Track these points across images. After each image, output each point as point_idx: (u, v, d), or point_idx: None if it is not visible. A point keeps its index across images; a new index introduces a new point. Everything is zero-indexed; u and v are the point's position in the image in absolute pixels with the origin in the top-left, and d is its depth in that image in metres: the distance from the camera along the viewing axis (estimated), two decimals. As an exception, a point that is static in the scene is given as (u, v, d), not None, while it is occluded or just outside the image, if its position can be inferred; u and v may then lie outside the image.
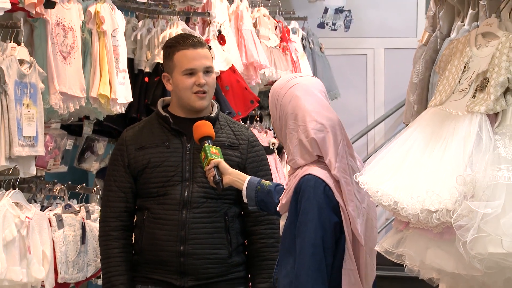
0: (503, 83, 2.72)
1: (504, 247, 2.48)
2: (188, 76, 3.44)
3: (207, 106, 3.50)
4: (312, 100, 2.96)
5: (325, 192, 2.85)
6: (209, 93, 3.48)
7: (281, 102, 2.98)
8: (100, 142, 4.56)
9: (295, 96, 2.96)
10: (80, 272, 3.89)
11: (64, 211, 3.88)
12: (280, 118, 2.99)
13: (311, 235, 2.81)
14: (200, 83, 3.43)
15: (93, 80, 3.98)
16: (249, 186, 3.23)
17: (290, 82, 3.01)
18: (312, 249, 2.80)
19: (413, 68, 4.04)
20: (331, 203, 2.85)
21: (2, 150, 3.42)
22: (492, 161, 2.59)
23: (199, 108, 3.46)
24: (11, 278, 3.47)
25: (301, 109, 2.93)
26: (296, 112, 2.94)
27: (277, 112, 3.01)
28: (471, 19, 3.82)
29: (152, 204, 3.44)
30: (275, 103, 3.02)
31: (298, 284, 2.81)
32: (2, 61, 3.42)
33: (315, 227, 2.81)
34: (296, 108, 2.94)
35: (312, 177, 2.87)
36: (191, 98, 3.45)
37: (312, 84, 3.02)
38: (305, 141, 2.90)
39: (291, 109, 2.95)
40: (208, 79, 3.46)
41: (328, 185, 2.85)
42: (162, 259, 3.42)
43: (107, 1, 4.09)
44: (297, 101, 2.95)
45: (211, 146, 3.31)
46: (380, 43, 8.53)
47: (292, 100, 2.96)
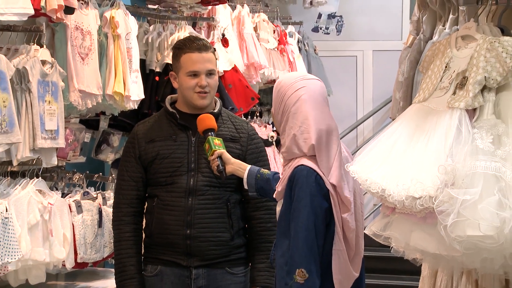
0: (481, 81, 2.71)
1: (481, 230, 2.47)
2: (192, 77, 3.43)
3: (209, 104, 3.49)
4: (316, 107, 2.91)
5: (317, 180, 2.83)
6: (210, 93, 3.47)
7: (286, 101, 2.94)
8: (115, 135, 4.55)
9: (301, 100, 2.91)
10: (97, 253, 3.89)
11: (82, 198, 3.88)
12: (283, 114, 2.95)
13: (304, 220, 2.80)
14: (202, 84, 3.42)
15: (109, 79, 3.98)
16: (249, 175, 3.23)
17: (297, 83, 2.95)
18: (305, 233, 2.79)
19: (399, 68, 4.03)
20: (322, 190, 2.83)
21: (27, 142, 3.42)
22: (470, 152, 2.58)
23: (200, 107, 3.45)
24: (35, 258, 3.48)
25: (305, 114, 2.88)
26: (300, 114, 2.89)
27: (280, 108, 2.97)
28: (452, 23, 3.81)
29: (161, 192, 3.43)
30: (280, 100, 2.97)
31: (293, 263, 2.80)
32: (26, 62, 3.42)
33: (307, 213, 2.80)
34: (300, 110, 2.89)
35: (305, 167, 2.84)
36: (193, 97, 3.44)
37: (317, 89, 2.97)
38: (303, 144, 2.87)
39: (295, 109, 2.91)
40: (210, 80, 3.45)
41: (319, 174, 2.83)
42: (170, 242, 3.41)
43: (121, 7, 4.09)
44: (302, 104, 2.90)
45: (214, 137, 3.30)
46: (368, 45, 8.52)
47: (297, 102, 2.91)
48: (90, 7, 3.89)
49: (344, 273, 2.87)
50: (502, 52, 2.71)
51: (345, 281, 2.88)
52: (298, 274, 2.78)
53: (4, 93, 3.25)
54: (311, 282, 2.78)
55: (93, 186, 4.21)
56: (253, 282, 3.49)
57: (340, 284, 2.86)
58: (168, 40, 4.58)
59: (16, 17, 3.23)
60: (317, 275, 2.79)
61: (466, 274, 3.60)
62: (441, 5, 3.96)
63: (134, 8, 4.54)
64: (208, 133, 3.32)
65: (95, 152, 4.52)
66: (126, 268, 3.44)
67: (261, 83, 6.09)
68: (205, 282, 3.43)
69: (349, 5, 8.26)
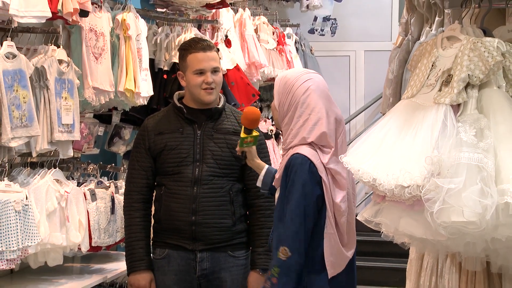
0: (465, 79, 2.70)
1: (465, 216, 2.47)
2: (198, 75, 3.42)
3: (215, 100, 3.48)
4: (324, 96, 2.93)
5: (310, 168, 2.83)
6: (216, 89, 3.46)
7: (295, 91, 2.91)
8: (127, 129, 4.55)
9: (310, 89, 2.90)
10: (110, 237, 3.89)
11: (96, 187, 3.88)
12: (290, 105, 2.92)
13: (295, 203, 2.81)
14: (208, 81, 3.41)
15: (120, 77, 3.97)
16: (267, 174, 3.22)
17: (304, 76, 2.95)
18: (294, 215, 2.80)
19: (388, 67, 4.02)
20: (315, 178, 2.83)
21: (45, 135, 3.42)
22: (455, 145, 2.57)
23: (207, 102, 3.45)
24: (53, 242, 3.49)
25: (315, 103, 2.88)
26: (310, 103, 2.88)
27: (287, 99, 2.93)
28: (438, 25, 3.80)
29: (168, 181, 3.42)
30: (287, 92, 2.94)
31: (278, 241, 2.82)
32: (44, 61, 3.42)
33: (298, 197, 2.81)
34: (310, 100, 2.89)
35: (300, 156, 2.84)
36: (200, 93, 3.43)
37: (321, 82, 2.98)
38: (313, 131, 2.86)
39: (304, 99, 2.89)
40: (215, 77, 3.44)
41: (313, 162, 2.83)
42: (177, 228, 3.41)
43: (132, 11, 4.08)
44: (311, 94, 2.90)
45: (249, 136, 3.19)
46: (360, 46, 8.50)
47: (306, 92, 2.90)
48: (103, 10, 3.89)
49: (336, 255, 2.87)
50: (484, 51, 2.71)
51: (338, 263, 2.89)
52: (282, 251, 2.79)
53: (24, 90, 3.25)
54: (292, 260, 2.79)
55: (106, 176, 4.21)
56: (253, 265, 3.49)
57: (332, 266, 2.87)
58: (175, 41, 4.56)
59: (35, 19, 3.22)
60: (299, 255, 2.79)
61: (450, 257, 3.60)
62: (428, 8, 3.95)
63: (143, 11, 4.54)
64: (252, 132, 3.21)
65: (108, 145, 4.52)
66: (135, 251, 3.44)
67: (261, 81, 6.08)
68: (209, 264, 3.43)
69: (342, 8, 8.24)
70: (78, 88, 3.64)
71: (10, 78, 3.17)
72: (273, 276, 2.80)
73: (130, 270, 3.46)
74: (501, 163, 2.55)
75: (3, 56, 3.17)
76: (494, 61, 2.69)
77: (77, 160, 4.11)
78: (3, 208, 3.12)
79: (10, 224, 3.14)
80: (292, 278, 2.80)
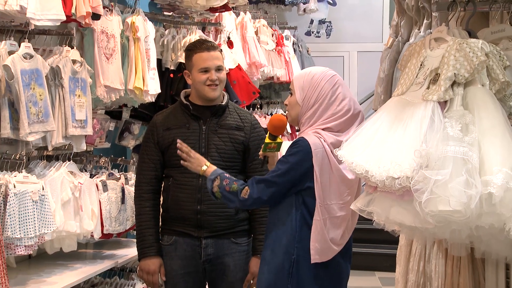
0: (451, 77, 2.71)
1: (451, 205, 2.47)
2: (203, 73, 3.42)
3: (219, 96, 3.48)
4: (349, 92, 2.96)
5: (307, 155, 2.82)
6: (220, 86, 3.46)
7: (323, 85, 2.91)
8: (136, 124, 4.54)
9: (337, 84, 2.92)
10: (121, 225, 3.89)
11: (108, 178, 3.88)
12: (318, 97, 2.91)
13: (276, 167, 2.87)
14: (212, 78, 3.42)
15: (130, 76, 3.97)
16: None
17: (328, 72, 2.96)
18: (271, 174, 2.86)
19: (380, 66, 4.03)
20: (307, 164, 2.83)
21: (60, 130, 3.42)
22: (442, 139, 2.58)
23: (212, 98, 3.45)
24: (67, 229, 3.49)
25: (344, 95, 2.91)
26: (339, 96, 2.90)
27: (315, 93, 2.92)
28: (426, 27, 3.81)
29: (176, 173, 3.42)
30: (314, 86, 2.92)
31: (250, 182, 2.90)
32: (59, 61, 3.42)
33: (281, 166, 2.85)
34: (338, 93, 2.91)
35: (303, 139, 2.85)
36: (205, 89, 3.43)
37: (342, 79, 3.01)
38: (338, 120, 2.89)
39: (332, 93, 2.90)
40: (219, 75, 3.44)
41: (311, 150, 2.82)
42: (183, 216, 3.41)
43: (140, 14, 4.07)
44: (339, 88, 2.92)
45: (273, 142, 3.09)
46: (354, 47, 8.50)
47: (335, 86, 2.91)
48: (114, 14, 3.88)
49: (321, 242, 2.84)
50: (469, 52, 2.71)
51: (323, 251, 2.85)
52: (244, 191, 2.87)
53: (41, 88, 3.25)
54: (248, 202, 2.87)
55: (116, 168, 4.21)
56: (254, 251, 3.50)
57: (316, 251, 2.84)
58: (181, 42, 4.56)
59: (51, 22, 3.22)
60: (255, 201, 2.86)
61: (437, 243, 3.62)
62: (417, 11, 3.95)
63: (151, 15, 4.53)
64: (276, 138, 3.12)
65: (118, 139, 4.52)
66: (145, 238, 3.44)
67: (261, 80, 6.08)
68: (213, 250, 3.43)
69: (337, 12, 8.23)
70: (91, 86, 3.64)
71: (28, 77, 3.18)
72: (222, 193, 2.91)
73: (140, 256, 3.46)
74: (484, 156, 2.55)
75: (21, 56, 3.17)
76: (479, 60, 2.69)
77: (90, 154, 4.12)
78: (21, 198, 3.12)
79: (28, 213, 3.15)
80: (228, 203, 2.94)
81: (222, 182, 2.93)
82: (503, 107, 2.76)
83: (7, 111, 3.10)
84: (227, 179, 2.94)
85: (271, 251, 2.91)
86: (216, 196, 2.94)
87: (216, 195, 2.94)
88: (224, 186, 2.92)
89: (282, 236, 2.87)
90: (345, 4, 8.38)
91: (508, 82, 2.79)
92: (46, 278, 3.44)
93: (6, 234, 3.03)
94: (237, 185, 2.91)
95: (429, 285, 3.67)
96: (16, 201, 3.09)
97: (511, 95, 2.88)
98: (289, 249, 2.86)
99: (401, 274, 3.84)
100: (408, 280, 3.77)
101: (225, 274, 3.46)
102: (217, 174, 2.97)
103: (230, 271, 3.45)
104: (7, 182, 3.09)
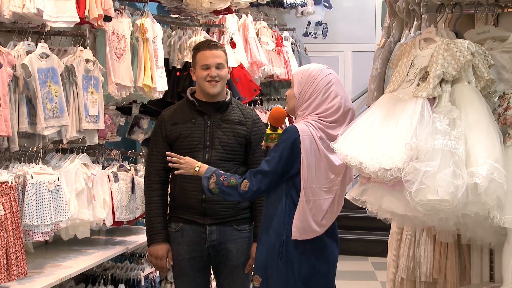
0: (439, 75, 2.71)
1: (439, 195, 2.47)
2: (204, 70, 3.42)
3: (220, 92, 3.47)
4: (342, 90, 2.97)
5: (295, 140, 2.85)
6: (220, 82, 3.45)
7: (318, 82, 2.92)
8: (145, 119, 4.54)
9: (332, 82, 2.93)
10: (131, 214, 3.89)
11: (119, 170, 3.88)
12: (312, 92, 2.93)
13: (269, 157, 2.89)
14: (212, 75, 3.41)
15: (139, 74, 3.96)
16: None
17: (326, 70, 2.97)
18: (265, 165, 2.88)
19: (373, 65, 4.02)
20: (296, 149, 2.85)
21: (74, 125, 3.42)
22: (431, 133, 2.58)
23: (212, 93, 3.44)
24: (81, 217, 3.49)
25: (336, 93, 2.92)
26: (332, 93, 2.91)
27: (310, 89, 2.93)
28: (416, 28, 3.80)
29: (182, 165, 3.42)
30: (310, 82, 2.94)
31: (248, 175, 2.92)
32: (73, 60, 3.41)
33: (273, 155, 2.87)
34: (331, 90, 2.91)
35: (293, 127, 2.88)
36: (205, 85, 3.43)
37: (338, 78, 3.01)
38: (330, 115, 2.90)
39: (326, 90, 2.91)
40: (219, 72, 3.43)
41: (299, 136, 2.85)
42: (189, 204, 3.41)
43: (149, 16, 4.06)
44: (332, 86, 2.92)
45: (274, 133, 3.13)
46: (348, 47, 8.48)
47: (328, 84, 2.92)
48: (124, 16, 3.87)
49: (303, 222, 2.87)
50: (457, 51, 2.71)
51: (303, 230, 2.88)
52: (243, 183, 2.90)
53: (56, 85, 3.25)
54: (248, 194, 2.90)
55: (127, 160, 4.21)
56: (256, 237, 3.49)
57: (297, 229, 2.87)
58: (187, 43, 4.55)
59: (65, 24, 3.21)
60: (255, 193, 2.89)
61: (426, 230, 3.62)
62: (407, 13, 3.95)
63: (159, 17, 4.53)
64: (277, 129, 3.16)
65: (128, 133, 4.51)
66: (154, 225, 3.45)
67: (262, 78, 6.07)
68: (217, 237, 3.44)
69: (332, 15, 8.21)
70: (103, 84, 3.63)
71: (44, 75, 3.18)
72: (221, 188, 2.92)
73: (150, 242, 3.47)
74: (471, 149, 2.55)
75: (38, 56, 3.17)
76: (465, 59, 2.69)
77: (102, 147, 4.11)
78: (38, 188, 3.13)
79: (44, 202, 3.15)
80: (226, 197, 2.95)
81: (219, 178, 2.94)
82: (488, 103, 2.76)
83: (25, 107, 3.10)
84: (223, 175, 2.96)
85: (265, 232, 2.96)
86: (213, 192, 2.95)
87: (213, 191, 2.95)
88: (222, 181, 2.93)
89: (274, 218, 2.92)
90: (340, 7, 8.36)
91: (492, 80, 2.79)
92: (62, 262, 3.45)
93: (25, 221, 3.04)
94: (235, 179, 2.93)
95: (418, 269, 3.68)
96: (34, 190, 3.09)
97: (496, 91, 2.88)
98: (279, 230, 2.91)
99: (392, 259, 3.84)
100: (399, 265, 3.78)
101: (228, 259, 3.46)
102: (211, 172, 2.99)
103: (232, 256, 3.45)
104: (25, 173, 3.10)
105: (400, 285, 3.78)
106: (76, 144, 3.65)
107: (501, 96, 2.85)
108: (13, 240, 2.90)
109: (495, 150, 2.55)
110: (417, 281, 3.70)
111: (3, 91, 2.89)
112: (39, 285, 3.03)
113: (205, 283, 3.53)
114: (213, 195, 2.97)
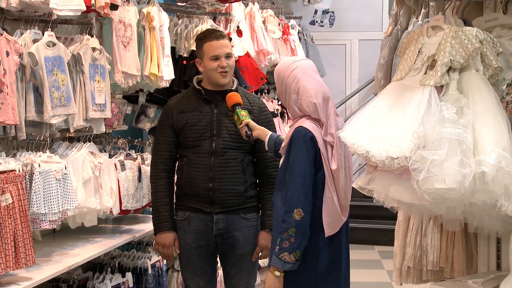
0: (447, 63, 2.70)
1: (446, 183, 2.48)
2: (214, 61, 3.41)
3: (229, 82, 3.47)
4: (310, 80, 2.89)
5: (312, 139, 2.81)
6: (230, 72, 3.45)
7: (286, 81, 2.92)
8: (151, 108, 4.54)
9: (297, 77, 2.89)
10: (138, 202, 3.90)
11: (125, 158, 3.89)
12: (286, 92, 2.93)
13: (302, 170, 2.79)
14: (223, 65, 3.41)
15: (146, 62, 3.96)
16: (270, 139, 3.23)
17: (291, 65, 2.93)
18: (302, 180, 2.78)
19: (380, 53, 4.00)
20: (314, 149, 2.81)
21: (81, 113, 3.43)
22: (438, 121, 2.57)
23: (223, 84, 3.44)
24: (88, 206, 3.50)
25: (304, 86, 2.87)
26: (301, 89, 2.87)
27: (283, 88, 2.94)
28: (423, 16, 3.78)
29: (189, 153, 3.42)
30: (281, 82, 2.95)
31: (291, 204, 2.79)
32: (80, 49, 3.41)
33: (304, 164, 2.79)
34: (299, 86, 2.88)
35: (302, 129, 2.83)
36: (216, 76, 3.42)
37: (308, 66, 2.95)
38: (307, 107, 2.85)
39: (294, 86, 2.89)
40: (229, 62, 3.43)
41: (314, 135, 2.81)
42: (196, 193, 3.42)
43: (156, 5, 4.06)
44: (299, 81, 2.88)
45: (241, 110, 3.27)
46: (355, 35, 8.46)
47: (294, 80, 2.89)
48: (131, 4, 3.87)
49: (332, 216, 2.85)
50: (465, 39, 2.70)
51: (333, 224, 2.86)
52: (296, 213, 2.78)
53: (63, 74, 3.25)
54: (306, 219, 2.78)
55: (133, 149, 4.21)
56: (263, 225, 3.50)
57: (329, 225, 2.85)
58: (194, 31, 4.54)
59: (72, 12, 3.21)
60: (309, 214, 2.79)
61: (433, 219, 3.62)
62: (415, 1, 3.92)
63: (166, 5, 4.51)
64: (236, 107, 3.31)
65: (135, 122, 4.52)
66: (161, 214, 3.46)
67: (268, 66, 6.06)
68: (224, 225, 3.44)
69: (339, 2, 8.20)
70: (109, 72, 3.63)
71: (51, 63, 3.18)
72: (291, 236, 2.76)
73: (156, 230, 3.48)
74: (478, 137, 2.55)
75: (44, 44, 3.17)
76: (473, 47, 2.68)
77: (109, 135, 4.12)
78: (45, 177, 3.14)
79: (52, 190, 3.16)
80: (306, 235, 2.78)
81: (282, 245, 2.80)
82: (496, 91, 2.75)
83: (32, 96, 3.11)
84: (280, 239, 2.80)
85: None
86: (297, 259, 2.79)
87: (296, 256, 2.79)
88: (284, 240, 2.78)
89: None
90: (347, -5, 8.35)
91: (501, 68, 2.78)
92: (69, 250, 3.47)
93: (32, 209, 3.05)
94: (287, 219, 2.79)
95: (425, 258, 3.68)
96: (41, 179, 3.11)
97: (504, 79, 2.87)
98: None
99: (399, 247, 3.85)
100: (406, 253, 3.78)
101: (235, 247, 3.47)
102: (274, 255, 2.82)
103: (239, 244, 3.46)
104: (33, 162, 3.11)
105: (406, 274, 3.78)
106: (83, 133, 3.66)
107: (510, 84, 2.84)
108: (21, 228, 2.91)
109: (503, 138, 2.55)
110: (424, 269, 3.70)
111: (10, 79, 2.90)
112: (47, 273, 3.05)
113: (212, 272, 3.55)
114: (298, 259, 2.81)
